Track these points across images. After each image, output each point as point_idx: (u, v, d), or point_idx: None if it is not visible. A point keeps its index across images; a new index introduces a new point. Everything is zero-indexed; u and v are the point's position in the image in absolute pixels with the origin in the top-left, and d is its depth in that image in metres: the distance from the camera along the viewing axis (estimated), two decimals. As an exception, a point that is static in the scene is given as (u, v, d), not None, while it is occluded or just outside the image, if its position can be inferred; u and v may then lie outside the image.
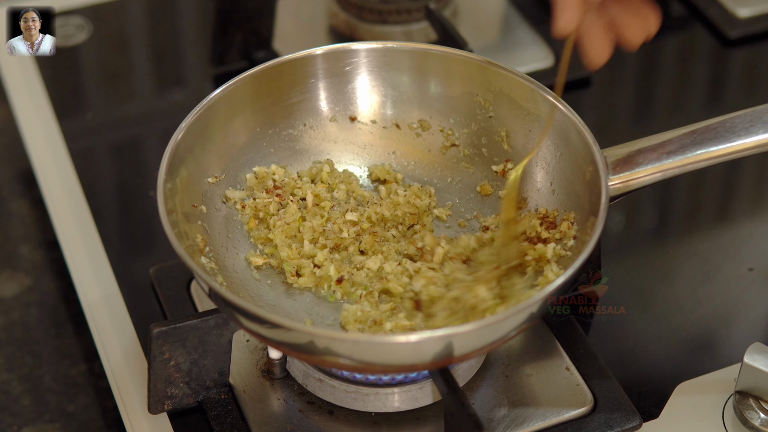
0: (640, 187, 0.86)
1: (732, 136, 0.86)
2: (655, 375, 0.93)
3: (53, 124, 1.14)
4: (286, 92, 0.95)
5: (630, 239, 1.07)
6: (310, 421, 0.87)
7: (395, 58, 0.96)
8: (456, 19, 1.23)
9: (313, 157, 0.98)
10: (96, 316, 0.97)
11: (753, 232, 1.06)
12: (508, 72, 0.93)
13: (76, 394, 0.98)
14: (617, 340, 0.95)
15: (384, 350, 0.78)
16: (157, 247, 1.04)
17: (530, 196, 0.93)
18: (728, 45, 1.25)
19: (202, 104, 0.90)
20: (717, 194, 1.12)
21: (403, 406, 0.87)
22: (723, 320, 0.97)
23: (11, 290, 1.06)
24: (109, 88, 1.24)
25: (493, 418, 0.86)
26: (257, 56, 1.17)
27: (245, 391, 0.89)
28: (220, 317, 0.84)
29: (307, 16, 1.26)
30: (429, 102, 0.97)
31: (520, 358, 0.91)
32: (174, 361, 0.85)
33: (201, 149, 0.91)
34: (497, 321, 0.77)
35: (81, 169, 1.10)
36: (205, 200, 0.91)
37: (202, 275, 0.80)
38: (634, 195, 0.87)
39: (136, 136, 1.19)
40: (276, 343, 0.82)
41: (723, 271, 1.01)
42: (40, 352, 1.01)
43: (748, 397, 0.87)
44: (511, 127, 0.94)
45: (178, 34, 1.31)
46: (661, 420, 0.88)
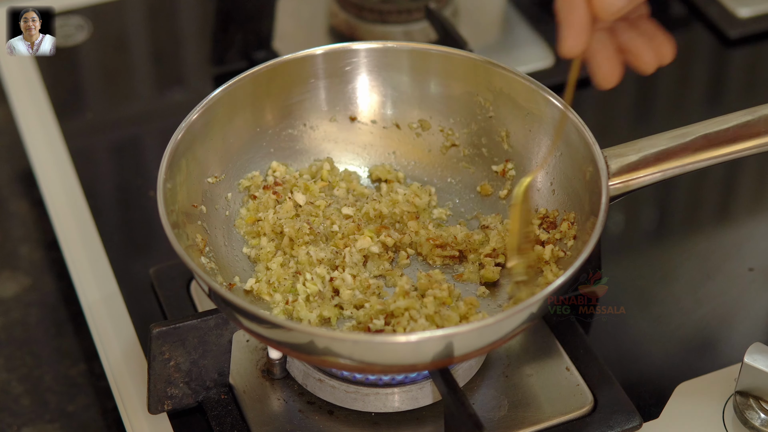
0: (640, 187, 0.86)
1: (732, 136, 0.86)
2: (656, 375, 0.93)
3: (53, 124, 1.14)
4: (286, 92, 0.95)
5: (630, 239, 1.07)
6: (310, 422, 0.87)
7: (395, 58, 0.96)
8: (456, 19, 1.23)
9: (314, 157, 0.97)
10: (96, 316, 0.97)
11: (753, 232, 1.06)
12: (508, 72, 0.93)
13: (76, 395, 0.98)
14: (617, 340, 0.95)
15: (384, 350, 0.78)
16: (157, 247, 1.04)
17: (531, 195, 0.93)
18: (728, 45, 1.25)
19: (202, 104, 0.90)
20: (717, 194, 1.12)
21: (403, 406, 0.87)
22: (723, 320, 0.97)
23: (11, 290, 1.06)
24: (109, 88, 1.24)
25: (493, 419, 0.86)
26: (257, 56, 1.17)
27: (245, 392, 0.89)
28: (220, 317, 0.84)
29: (307, 16, 1.26)
30: (429, 102, 0.97)
31: (520, 359, 0.91)
32: (174, 361, 0.85)
33: (201, 149, 0.90)
34: (497, 321, 0.77)
35: (81, 169, 1.10)
36: (205, 200, 0.91)
37: (202, 275, 0.80)
38: (634, 195, 0.87)
39: (136, 136, 1.18)
40: (276, 344, 0.82)
41: (723, 270, 1.01)
42: (39, 353, 1.01)
43: (748, 398, 0.87)
44: (512, 127, 0.94)
45: (178, 34, 1.31)
46: (661, 420, 0.88)
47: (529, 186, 0.89)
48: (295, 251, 0.90)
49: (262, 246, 0.91)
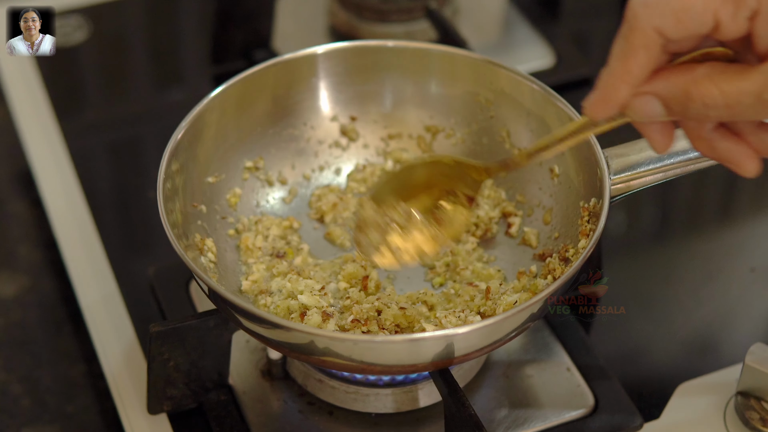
0: (641, 188, 0.86)
1: (733, 136, 0.86)
2: (656, 375, 0.93)
3: (52, 124, 1.14)
4: (286, 91, 0.95)
5: (630, 239, 1.06)
6: (310, 422, 0.87)
7: (396, 58, 0.96)
8: (456, 19, 1.23)
9: (314, 157, 0.97)
10: (95, 316, 0.97)
11: (754, 232, 1.06)
12: (509, 71, 0.93)
13: (75, 395, 0.98)
14: (618, 341, 0.95)
15: (384, 351, 0.78)
16: (157, 247, 1.04)
17: (531, 195, 0.93)
18: (729, 45, 1.24)
19: (201, 104, 0.90)
20: (718, 194, 1.12)
21: (403, 406, 0.87)
22: (724, 320, 0.97)
23: (10, 291, 1.06)
24: (108, 87, 1.23)
25: (494, 419, 0.86)
26: (257, 56, 1.17)
27: (245, 392, 0.89)
28: (219, 317, 0.84)
29: (307, 16, 1.26)
30: (430, 102, 0.97)
31: (520, 359, 0.90)
32: (173, 361, 0.85)
33: (201, 149, 0.90)
34: (497, 322, 0.77)
35: (80, 169, 1.09)
36: (205, 200, 0.91)
37: (201, 275, 0.80)
38: (634, 195, 0.86)
39: (135, 135, 1.18)
40: (275, 344, 0.82)
41: (724, 271, 1.01)
42: (38, 353, 1.01)
43: (749, 398, 0.87)
44: (513, 127, 0.94)
45: (178, 34, 1.31)
46: (662, 421, 0.88)
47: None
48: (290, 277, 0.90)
49: (254, 272, 0.90)
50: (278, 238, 0.92)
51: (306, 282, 0.87)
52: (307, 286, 0.86)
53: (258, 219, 0.93)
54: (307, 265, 0.91)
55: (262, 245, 0.91)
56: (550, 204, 0.92)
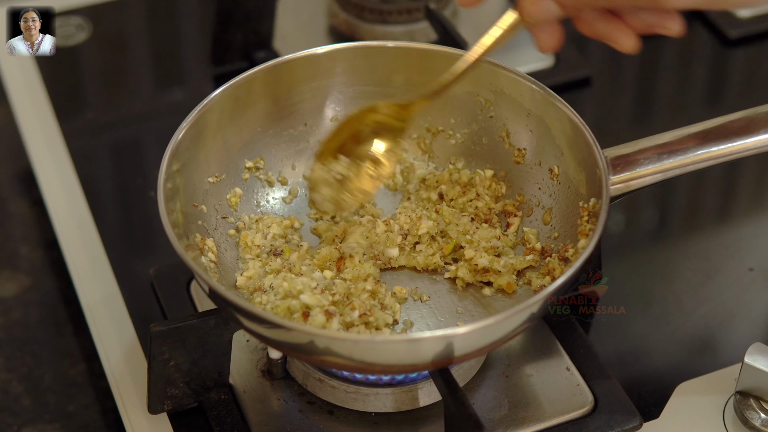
0: (640, 188, 0.86)
1: (732, 136, 0.86)
2: (656, 375, 0.93)
3: (53, 124, 1.14)
4: (286, 92, 0.95)
5: (630, 239, 1.06)
6: (310, 422, 0.87)
7: (396, 58, 0.96)
8: (456, 19, 1.23)
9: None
10: (96, 316, 0.97)
11: (753, 232, 1.06)
12: (509, 72, 0.93)
13: (76, 395, 0.98)
14: (617, 340, 0.95)
15: (384, 350, 0.78)
16: (157, 247, 1.04)
17: (531, 194, 0.93)
18: (728, 45, 1.24)
19: (202, 104, 0.90)
20: (717, 194, 1.12)
21: (403, 406, 0.87)
22: (723, 320, 0.97)
23: (11, 290, 1.06)
24: (109, 88, 1.24)
25: (494, 419, 0.86)
26: (257, 56, 1.17)
27: (245, 392, 0.89)
28: (220, 317, 0.84)
29: (307, 16, 1.26)
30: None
31: (520, 359, 0.90)
32: (174, 361, 0.85)
33: (201, 149, 0.90)
34: (497, 321, 0.77)
35: (81, 169, 1.10)
36: (205, 200, 0.91)
37: (202, 275, 0.80)
38: (634, 195, 0.87)
39: (136, 136, 1.18)
40: (276, 344, 0.82)
41: (723, 270, 1.01)
42: (39, 352, 1.01)
43: (748, 398, 0.87)
44: (512, 127, 0.94)
45: (178, 34, 1.31)
46: (661, 420, 0.88)
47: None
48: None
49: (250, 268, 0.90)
50: (278, 237, 0.93)
51: (302, 280, 0.87)
52: (305, 285, 0.86)
53: (259, 218, 0.93)
54: (302, 261, 0.91)
55: (261, 243, 0.91)
56: (550, 204, 0.92)
